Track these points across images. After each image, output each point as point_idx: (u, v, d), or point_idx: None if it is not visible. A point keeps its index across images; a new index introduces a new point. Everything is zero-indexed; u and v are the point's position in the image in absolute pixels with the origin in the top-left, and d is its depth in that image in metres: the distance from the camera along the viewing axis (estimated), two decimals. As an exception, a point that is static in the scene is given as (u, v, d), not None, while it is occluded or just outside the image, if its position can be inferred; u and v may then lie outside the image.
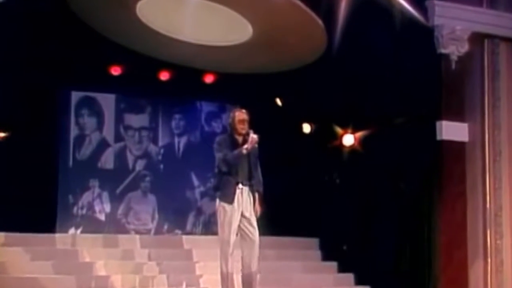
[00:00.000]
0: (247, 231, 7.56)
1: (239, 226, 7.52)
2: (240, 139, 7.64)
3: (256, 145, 7.54)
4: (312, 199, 10.78)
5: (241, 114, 7.69)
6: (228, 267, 7.46)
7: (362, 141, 10.32)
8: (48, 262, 8.96)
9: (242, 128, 7.61)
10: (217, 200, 7.62)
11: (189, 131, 11.53)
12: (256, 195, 7.64)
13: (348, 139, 10.44)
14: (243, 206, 7.54)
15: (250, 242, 7.55)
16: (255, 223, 7.60)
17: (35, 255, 9.05)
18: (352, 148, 10.42)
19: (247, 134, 7.55)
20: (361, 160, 10.29)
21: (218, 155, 7.53)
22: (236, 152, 7.49)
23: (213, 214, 10.67)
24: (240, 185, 7.52)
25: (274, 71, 10.06)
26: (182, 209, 11.32)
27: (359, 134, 10.35)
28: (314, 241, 10.71)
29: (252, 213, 7.59)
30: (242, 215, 7.54)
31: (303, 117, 11.07)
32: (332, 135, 10.57)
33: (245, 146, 7.46)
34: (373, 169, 10.11)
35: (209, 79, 11.10)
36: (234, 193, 7.49)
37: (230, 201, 7.48)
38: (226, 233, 7.46)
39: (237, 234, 7.55)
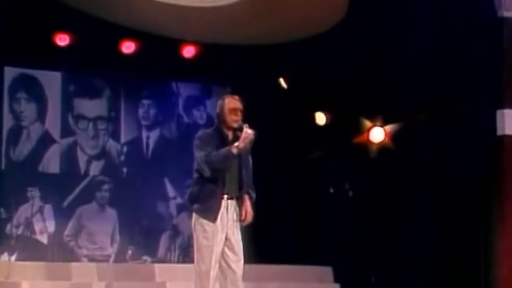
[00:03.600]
0: (229, 261, 7.24)
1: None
2: (230, 135, 7.35)
3: (250, 144, 7.26)
4: (322, 214, 10.84)
5: (232, 101, 7.39)
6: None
7: (395, 137, 10.39)
8: (-27, 300, 8.88)
9: (234, 120, 7.31)
10: (194, 215, 7.28)
11: (161, 123, 11.52)
12: (247, 198, 7.40)
13: (377, 134, 10.52)
14: (228, 225, 7.26)
15: (232, 275, 7.23)
16: (240, 251, 7.29)
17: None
18: (381, 145, 10.50)
19: (240, 128, 7.26)
20: (393, 161, 10.34)
21: (199, 155, 7.25)
22: (223, 151, 7.19)
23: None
24: (225, 197, 7.26)
25: (277, 42, 10.37)
26: (153, 228, 11.29)
27: (391, 127, 10.45)
28: (326, 270, 10.52)
29: (239, 236, 7.29)
30: (226, 238, 7.25)
31: (316, 103, 11.02)
32: (356, 128, 10.63)
33: (236, 144, 7.17)
34: (409, 173, 10.14)
35: (189, 52, 11.06)
36: (219, 208, 7.23)
37: (213, 218, 7.19)
38: (206, 261, 7.20)
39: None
